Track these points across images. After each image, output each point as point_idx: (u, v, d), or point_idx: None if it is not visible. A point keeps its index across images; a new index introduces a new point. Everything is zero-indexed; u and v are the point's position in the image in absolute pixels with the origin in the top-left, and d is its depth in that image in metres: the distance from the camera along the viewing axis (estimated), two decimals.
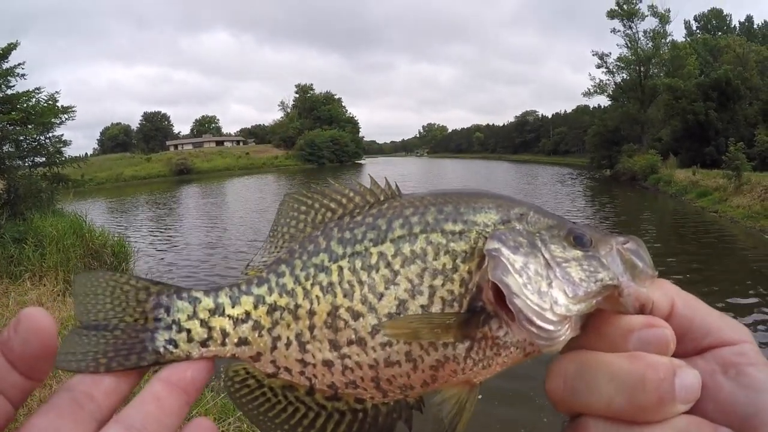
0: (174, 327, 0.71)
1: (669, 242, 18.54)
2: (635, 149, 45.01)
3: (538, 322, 0.63)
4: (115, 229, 18.11)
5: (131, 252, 15.18)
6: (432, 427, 0.69)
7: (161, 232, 25.68)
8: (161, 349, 0.69)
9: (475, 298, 0.69)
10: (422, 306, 0.69)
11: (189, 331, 0.71)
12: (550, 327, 0.63)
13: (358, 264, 0.72)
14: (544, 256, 0.69)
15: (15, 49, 14.18)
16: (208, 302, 0.73)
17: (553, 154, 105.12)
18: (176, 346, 0.70)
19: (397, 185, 0.78)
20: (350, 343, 0.70)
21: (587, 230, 0.72)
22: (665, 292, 0.64)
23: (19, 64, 14.08)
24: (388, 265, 0.71)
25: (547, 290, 0.66)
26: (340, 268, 0.72)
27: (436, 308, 0.69)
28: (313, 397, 0.73)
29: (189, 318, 0.72)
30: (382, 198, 0.77)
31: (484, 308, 0.68)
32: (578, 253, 0.70)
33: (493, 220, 0.72)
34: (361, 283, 0.71)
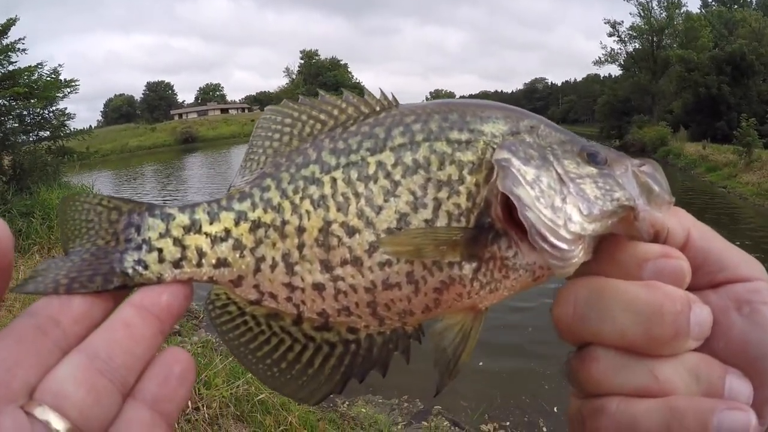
0: (144, 246, 0.65)
1: None
2: (645, 120, 44.37)
3: (552, 239, 0.59)
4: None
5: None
6: (434, 357, 0.65)
7: (167, 200, 25.66)
8: (129, 270, 0.63)
9: (483, 214, 0.64)
10: (426, 220, 0.63)
11: (160, 250, 0.65)
12: (564, 245, 0.59)
13: (354, 174, 0.65)
14: (556, 171, 0.64)
15: (14, 24, 13.93)
16: (182, 219, 0.66)
17: (561, 123, 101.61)
18: (146, 267, 0.64)
19: (393, 95, 0.71)
20: (344, 263, 0.64)
21: (601, 148, 0.67)
22: (681, 221, 0.61)
23: (20, 39, 13.87)
24: (388, 175, 0.65)
25: (561, 205, 0.61)
26: (333, 180, 0.65)
27: (441, 223, 0.63)
28: (301, 327, 0.67)
29: (161, 236, 0.65)
30: (378, 108, 0.70)
31: (493, 225, 0.63)
32: (592, 170, 0.65)
33: (502, 130, 0.66)
34: (357, 195, 0.64)
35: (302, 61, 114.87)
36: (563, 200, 0.62)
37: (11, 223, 11.66)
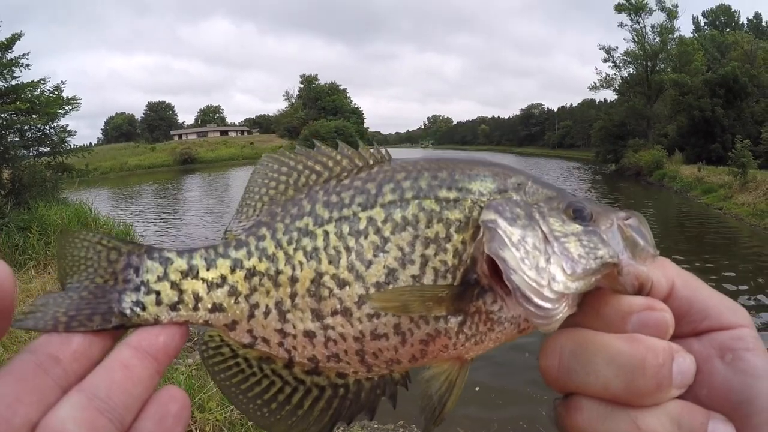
0: (142, 288, 0.66)
1: (673, 239, 18.42)
2: (641, 144, 44.67)
3: (536, 300, 0.60)
4: (120, 218, 18.16)
5: (136, 240, 15.11)
6: (420, 404, 0.67)
7: (165, 220, 25.70)
8: (127, 311, 0.65)
9: (469, 271, 0.65)
10: (413, 276, 0.65)
11: (158, 293, 0.66)
12: (548, 305, 0.60)
13: (346, 229, 0.67)
14: (542, 230, 0.65)
15: (19, 39, 14.15)
16: (180, 263, 0.68)
17: (558, 148, 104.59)
18: (144, 308, 0.65)
19: (387, 150, 0.73)
20: (335, 313, 0.66)
21: (587, 204, 0.68)
22: (665, 272, 0.62)
23: (24, 55, 14.11)
24: (378, 231, 0.67)
25: (545, 266, 0.62)
26: (326, 233, 0.68)
27: (427, 279, 0.65)
28: (292, 370, 0.69)
29: (159, 279, 0.67)
30: (371, 162, 0.72)
31: (479, 281, 0.65)
32: (578, 227, 0.66)
33: (489, 188, 0.68)
34: (348, 249, 0.66)
35: (302, 86, 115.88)
36: (547, 261, 0.63)
37: (8, 237, 11.61)
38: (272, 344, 0.68)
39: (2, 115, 13.75)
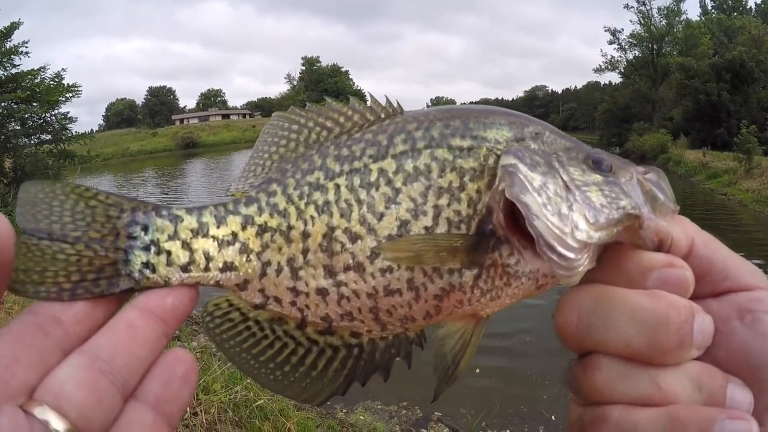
0: (152, 248, 0.63)
1: None
2: (645, 128, 44.38)
3: (559, 248, 0.58)
4: None
5: None
6: (434, 362, 0.66)
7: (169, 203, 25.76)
8: (136, 274, 0.62)
9: (484, 221, 0.63)
10: (426, 227, 0.63)
11: (169, 253, 0.64)
12: (571, 254, 0.58)
13: (357, 181, 0.66)
14: (562, 178, 0.63)
15: (18, 28, 14.07)
16: (190, 221, 0.66)
17: (562, 130, 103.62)
18: (154, 270, 0.63)
19: (398, 102, 0.72)
20: (347, 268, 0.64)
21: (606, 155, 0.67)
22: (685, 229, 0.61)
23: (24, 43, 14.02)
24: (389, 182, 0.65)
25: (567, 213, 0.60)
26: (337, 186, 0.66)
27: (441, 230, 0.63)
28: (304, 330, 0.67)
29: (169, 238, 0.64)
30: (383, 116, 0.71)
31: (494, 232, 0.63)
32: (598, 177, 0.64)
33: (506, 136, 0.66)
34: (359, 201, 0.65)
35: (303, 68, 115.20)
36: (570, 208, 0.61)
37: (12, 224, 11.66)
38: (284, 303, 0.66)
39: (2, 104, 13.69)
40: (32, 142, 15.47)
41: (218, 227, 0.66)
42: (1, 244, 0.51)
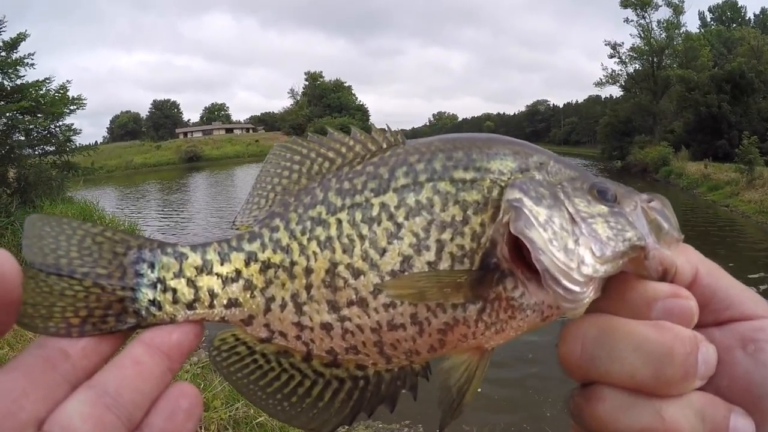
0: (159, 286, 0.64)
1: None
2: (647, 141, 44.41)
3: (565, 282, 0.58)
4: (125, 216, 18.26)
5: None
6: (438, 395, 0.65)
7: (171, 218, 25.86)
8: (143, 311, 0.63)
9: (488, 254, 0.63)
10: (429, 263, 0.63)
11: (174, 291, 0.64)
12: (576, 288, 0.58)
13: (358, 216, 0.66)
14: (568, 210, 0.63)
15: (24, 39, 14.21)
16: (195, 259, 0.66)
17: (563, 144, 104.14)
18: (160, 308, 0.63)
19: (401, 132, 0.71)
20: (350, 304, 0.64)
21: (610, 184, 0.67)
22: (689, 258, 0.61)
23: (30, 54, 14.18)
24: (391, 217, 0.65)
25: (573, 248, 0.60)
26: (339, 221, 0.66)
27: (444, 265, 0.63)
28: (310, 363, 0.67)
29: (175, 276, 0.65)
30: (385, 146, 0.70)
31: (499, 265, 0.62)
32: (603, 208, 0.64)
33: (510, 167, 0.65)
34: (361, 237, 0.65)
35: (306, 83, 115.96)
36: (576, 242, 0.61)
37: (14, 236, 11.67)
38: (290, 337, 0.67)
39: (7, 115, 13.82)
40: (36, 153, 15.56)
41: (222, 264, 0.67)
42: (8, 281, 0.51)
